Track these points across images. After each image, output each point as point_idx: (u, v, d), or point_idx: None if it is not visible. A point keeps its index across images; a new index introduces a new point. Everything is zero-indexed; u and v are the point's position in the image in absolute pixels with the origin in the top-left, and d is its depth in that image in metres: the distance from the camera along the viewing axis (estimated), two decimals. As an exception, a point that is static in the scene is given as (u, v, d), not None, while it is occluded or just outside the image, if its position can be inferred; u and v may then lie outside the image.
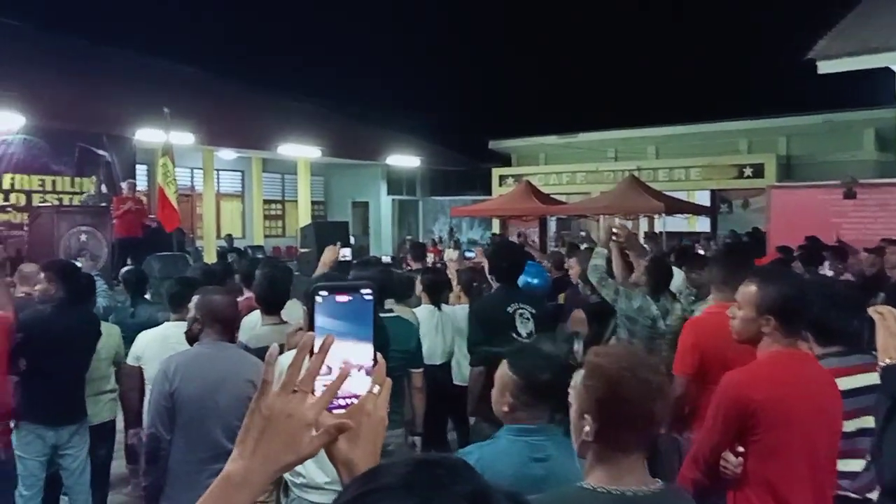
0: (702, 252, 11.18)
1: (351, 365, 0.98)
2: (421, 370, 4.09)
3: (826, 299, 2.69)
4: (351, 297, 0.99)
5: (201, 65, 19.86)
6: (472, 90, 26.79)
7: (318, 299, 0.97)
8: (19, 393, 3.90)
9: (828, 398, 2.38)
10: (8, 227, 12.69)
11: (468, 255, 13.65)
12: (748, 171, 17.80)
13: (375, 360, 1.01)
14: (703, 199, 18.42)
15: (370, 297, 1.00)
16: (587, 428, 1.63)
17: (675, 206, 15.57)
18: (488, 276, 4.58)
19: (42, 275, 4.32)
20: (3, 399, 3.68)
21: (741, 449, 2.34)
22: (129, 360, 4.13)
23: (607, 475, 1.62)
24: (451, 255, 15.72)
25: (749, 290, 2.53)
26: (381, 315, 3.84)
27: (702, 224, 18.58)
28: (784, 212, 13.43)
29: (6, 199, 13.65)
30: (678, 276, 5.88)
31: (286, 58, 23.49)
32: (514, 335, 4.06)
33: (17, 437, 3.84)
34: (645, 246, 6.11)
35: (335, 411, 0.98)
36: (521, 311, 4.13)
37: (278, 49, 24.14)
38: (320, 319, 0.97)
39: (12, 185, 13.95)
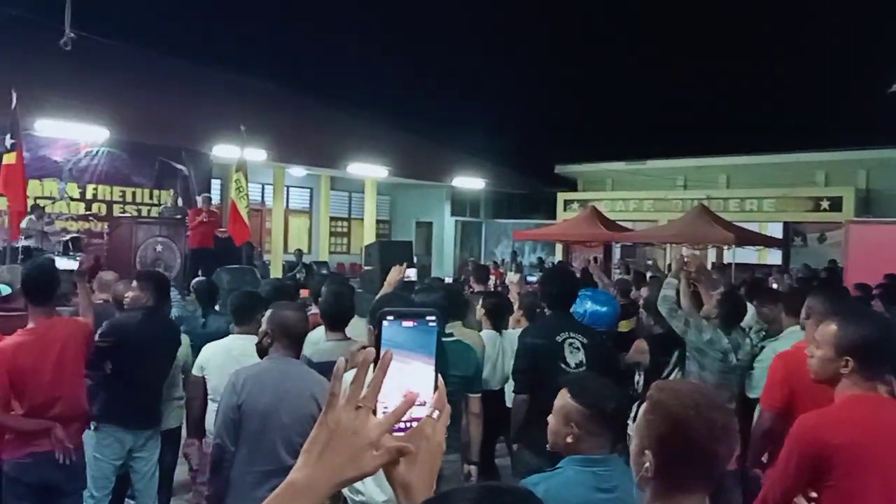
0: (775, 286, 10.85)
1: (413, 390, 1.01)
2: (479, 395, 4.06)
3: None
4: (416, 323, 1.02)
5: (277, 81, 20.44)
6: (541, 114, 26.76)
7: (385, 323, 1.01)
8: (101, 396, 4.05)
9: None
10: (89, 236, 13.29)
11: (530, 279, 13.58)
12: (825, 204, 17.23)
13: (436, 385, 1.03)
14: (776, 231, 17.89)
15: (434, 324, 1.03)
16: (647, 464, 1.60)
17: (746, 238, 15.15)
18: (541, 303, 4.52)
19: (134, 283, 4.49)
20: (79, 402, 3.82)
21: (814, 494, 2.25)
22: (194, 371, 4.19)
23: None
24: (512, 277, 15.68)
25: (829, 329, 2.45)
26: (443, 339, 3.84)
27: (773, 257, 18.03)
28: (863, 247, 12.93)
29: (88, 209, 14.29)
30: (748, 310, 5.71)
31: (358, 75, 24.01)
32: (563, 365, 4.00)
33: (95, 439, 3.98)
34: (716, 277, 5.96)
35: (396, 434, 1.01)
36: (571, 340, 4.05)
37: (350, 67, 24.68)
38: (386, 342, 1.00)
39: (95, 195, 14.62)
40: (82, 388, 3.89)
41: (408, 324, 1.02)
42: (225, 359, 3.98)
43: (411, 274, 5.25)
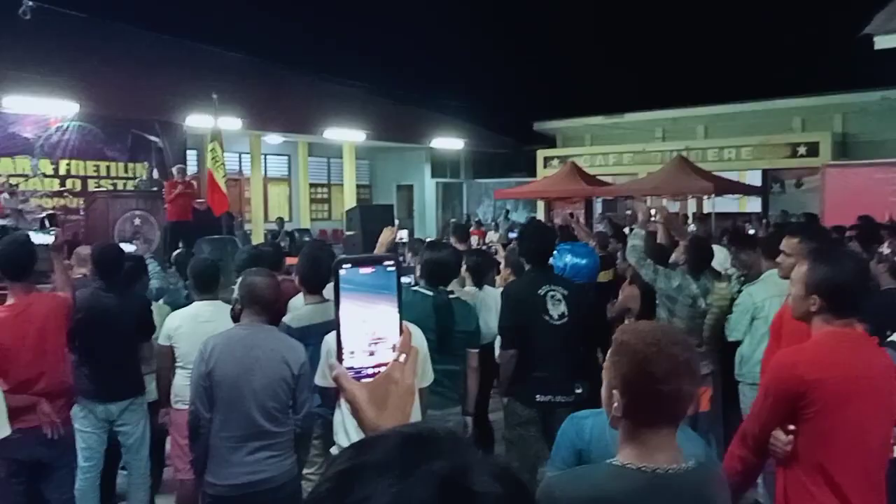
0: (752, 232, 10.95)
1: (379, 333, 1.01)
2: (477, 350, 4.11)
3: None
4: (374, 269, 1.00)
5: (248, 50, 20.05)
6: (516, 71, 26.54)
7: (342, 271, 0.98)
8: (76, 370, 4.04)
9: (885, 380, 2.32)
10: (65, 212, 13.12)
11: (511, 235, 13.61)
12: (802, 150, 17.31)
13: (401, 328, 1.03)
14: (755, 179, 17.99)
15: (393, 269, 1.01)
16: (616, 403, 1.63)
17: (725, 187, 15.23)
18: (519, 259, 4.56)
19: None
20: (62, 377, 3.82)
21: (792, 427, 2.30)
22: (161, 340, 4.17)
23: (638, 452, 1.61)
24: (492, 237, 15.71)
25: (801, 268, 2.49)
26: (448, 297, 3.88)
27: (752, 205, 18.16)
28: (839, 191, 13.08)
29: (63, 185, 14.08)
30: (719, 255, 5.78)
31: (331, 41, 23.63)
32: (546, 317, 4.05)
33: (74, 412, 3.98)
34: (692, 228, 6.04)
35: (364, 380, 1.01)
36: (552, 292, 4.11)
37: (323, 32, 24.29)
38: (345, 287, 0.98)
39: (68, 170, 14.39)
40: (65, 362, 3.89)
41: (366, 270, 0.99)
42: (192, 326, 3.99)
43: (403, 235, 5.24)
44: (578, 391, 4.10)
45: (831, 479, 2.24)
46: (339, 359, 1.00)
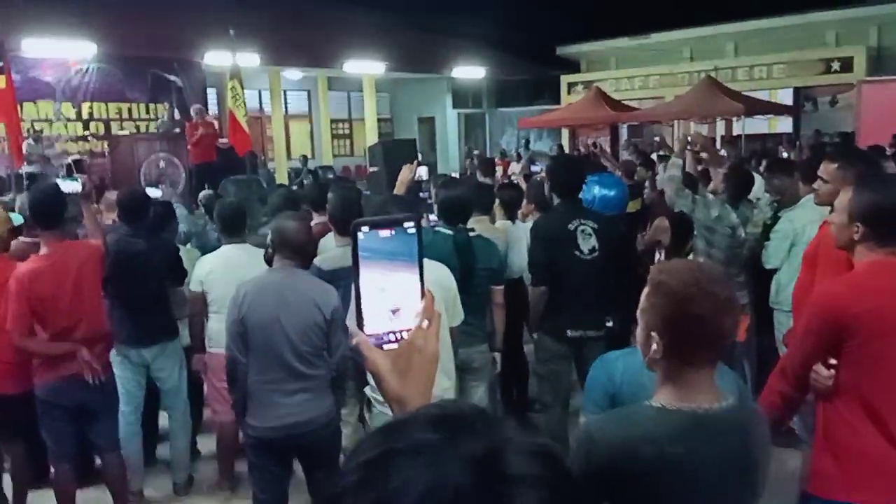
0: (784, 155, 10.70)
1: (399, 301, 0.98)
2: (502, 287, 4.09)
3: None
4: (394, 231, 0.96)
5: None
6: (538, -7, 25.70)
7: (360, 235, 0.95)
8: (110, 315, 4.10)
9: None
10: (91, 156, 13.18)
11: (534, 168, 13.42)
12: (835, 66, 16.69)
13: (423, 293, 0.99)
14: (786, 98, 17.46)
15: (413, 230, 0.97)
16: (655, 346, 1.61)
17: (756, 107, 14.82)
18: (547, 193, 4.48)
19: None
20: (100, 323, 3.88)
21: (833, 361, 2.27)
22: (193, 286, 4.18)
23: (677, 392, 1.60)
24: (514, 168, 15.50)
25: (845, 195, 2.41)
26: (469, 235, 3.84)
27: (783, 125, 17.69)
28: (875, 107, 12.64)
29: (86, 128, 14.11)
30: (758, 182, 5.65)
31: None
32: (577, 252, 4.01)
33: (112, 357, 4.06)
34: (722, 153, 5.87)
35: (386, 346, 0.98)
36: (582, 226, 4.05)
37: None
38: (364, 254, 0.95)
39: (91, 113, 14.40)
40: (101, 308, 3.95)
41: (385, 233, 0.96)
42: (224, 270, 4.01)
43: (422, 172, 5.17)
44: (609, 325, 4.08)
45: (874, 411, 2.21)
46: (360, 326, 0.97)
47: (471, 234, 3.88)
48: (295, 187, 11.48)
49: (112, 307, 4.12)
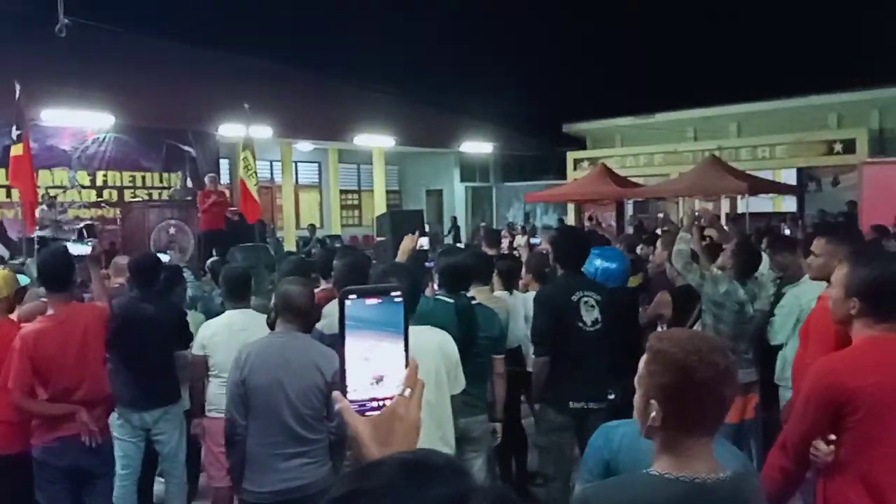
0: (787, 232, 10.77)
1: (383, 369, 0.99)
2: (502, 356, 4.09)
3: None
4: (381, 300, 0.99)
5: (278, 58, 20.29)
6: (544, 72, 26.40)
7: (348, 302, 0.97)
8: (112, 377, 4.10)
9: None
10: (102, 222, 13.38)
11: (534, 241, 13.54)
12: (838, 147, 16.97)
13: (407, 362, 1.01)
14: (790, 177, 17.68)
15: (400, 300, 0.99)
16: (654, 413, 1.60)
17: (760, 186, 14.99)
18: (552, 264, 4.52)
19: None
20: (101, 386, 3.88)
21: (833, 437, 2.25)
22: (195, 350, 4.18)
23: (676, 461, 1.58)
24: (520, 241, 15.63)
25: (840, 270, 2.44)
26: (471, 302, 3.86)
27: (788, 204, 17.85)
28: (877, 188, 12.79)
29: (99, 195, 14.37)
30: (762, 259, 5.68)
31: (359, 47, 23.73)
32: (580, 323, 4.02)
33: (112, 420, 4.04)
34: (727, 229, 5.94)
35: (368, 413, 0.99)
36: (585, 298, 4.06)
37: (350, 39, 24.44)
38: (350, 321, 0.97)
39: (105, 181, 14.69)
40: (104, 371, 3.95)
41: (372, 301, 0.98)
42: (227, 334, 4.02)
43: (424, 243, 5.24)
44: (611, 397, 4.06)
45: (875, 488, 2.18)
46: (344, 392, 0.98)
47: (472, 301, 3.90)
48: (303, 255, 11.57)
49: (117, 370, 4.13)
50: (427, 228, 13.86)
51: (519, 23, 27.76)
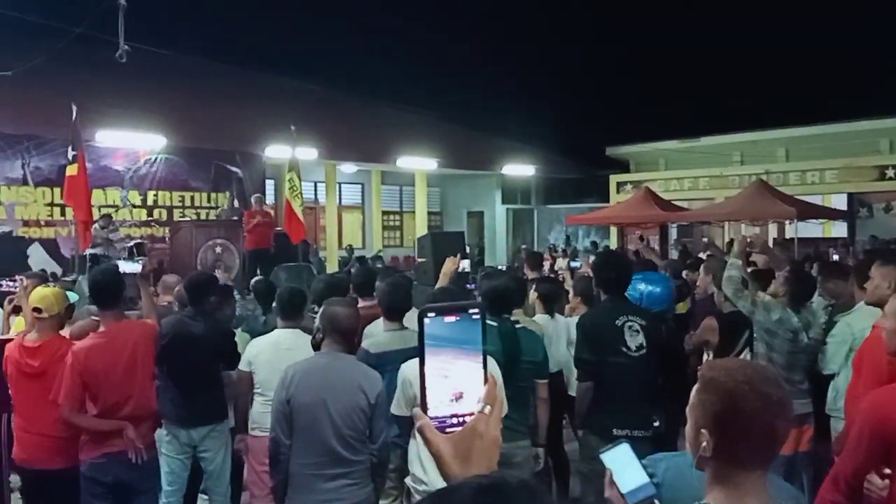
0: (837, 258, 10.49)
1: (463, 387, 1.00)
2: (546, 381, 4.06)
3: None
4: (459, 317, 0.99)
5: (324, 81, 20.67)
6: (589, 96, 26.36)
7: (427, 320, 0.98)
8: (161, 394, 4.18)
9: None
10: (152, 241, 13.71)
11: (573, 265, 13.43)
12: (890, 173, 16.55)
13: (486, 378, 1.01)
14: (840, 203, 17.28)
15: (478, 317, 1.00)
16: (704, 443, 1.57)
17: (809, 212, 14.68)
18: (594, 288, 4.47)
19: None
20: (148, 402, 3.95)
21: (888, 471, 2.17)
22: (242, 366, 4.23)
23: (728, 495, 1.55)
24: (561, 263, 15.53)
25: (893, 301, 2.37)
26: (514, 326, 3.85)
27: (838, 230, 17.43)
28: (933, 215, 12.40)
29: (150, 215, 14.75)
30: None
31: (403, 70, 24.05)
32: (623, 349, 3.96)
33: (160, 437, 4.10)
34: (780, 255, 5.82)
35: (448, 430, 0.99)
36: (629, 323, 4.00)
37: (395, 62, 24.77)
38: (429, 340, 0.98)
39: (155, 201, 15.08)
40: (151, 388, 4.02)
41: (450, 319, 0.99)
42: (273, 353, 4.06)
43: (465, 265, 5.25)
44: (656, 424, 3.98)
45: (934, 526, 2.10)
46: (424, 410, 0.99)
47: (517, 325, 3.88)
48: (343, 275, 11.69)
49: (166, 387, 4.20)
50: (468, 250, 13.89)
51: (562, 45, 27.83)
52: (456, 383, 1.00)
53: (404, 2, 25.98)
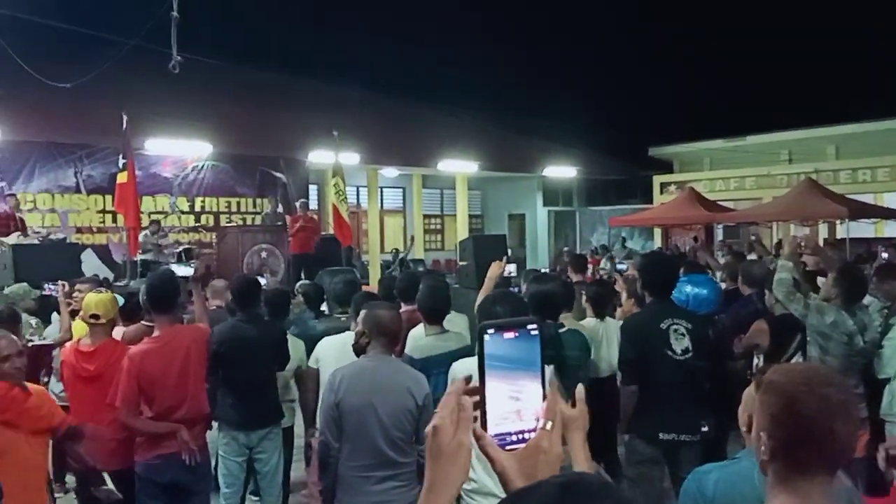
0: (885, 257, 10.17)
1: (523, 405, 1.01)
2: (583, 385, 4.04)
3: None
4: (518, 334, 1.00)
5: (366, 86, 20.88)
6: (631, 95, 26.12)
7: (487, 337, 0.99)
8: (217, 398, 4.28)
9: None
10: (199, 246, 14.01)
11: (619, 267, 13.27)
12: (947, 170, 16.01)
13: (545, 394, 1.02)
14: (892, 202, 16.77)
15: (536, 333, 1.01)
16: (763, 447, 1.55)
17: (861, 211, 14.27)
18: (639, 291, 4.43)
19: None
20: (201, 405, 4.03)
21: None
22: (310, 363, 4.31)
23: (788, 501, 1.51)
24: (605, 265, 15.35)
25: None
26: (559, 331, 3.85)
27: (891, 229, 16.91)
28: None
29: (197, 220, 15.06)
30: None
31: (443, 73, 24.13)
32: (669, 352, 3.92)
33: (218, 440, 4.19)
34: (832, 256, 5.67)
35: (509, 447, 1.00)
36: (675, 326, 3.96)
37: (436, 65, 24.88)
38: (490, 359, 0.99)
39: (203, 206, 15.39)
40: (204, 390, 4.11)
41: (509, 335, 1.00)
42: (340, 352, 4.08)
43: (511, 269, 5.24)
44: (704, 429, 3.93)
45: None
46: (484, 426, 0.99)
47: (561, 329, 3.87)
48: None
49: (224, 391, 4.30)
50: (509, 253, 13.83)
51: (604, 45, 27.59)
52: (515, 400, 1.00)
53: (444, 5, 26.07)
